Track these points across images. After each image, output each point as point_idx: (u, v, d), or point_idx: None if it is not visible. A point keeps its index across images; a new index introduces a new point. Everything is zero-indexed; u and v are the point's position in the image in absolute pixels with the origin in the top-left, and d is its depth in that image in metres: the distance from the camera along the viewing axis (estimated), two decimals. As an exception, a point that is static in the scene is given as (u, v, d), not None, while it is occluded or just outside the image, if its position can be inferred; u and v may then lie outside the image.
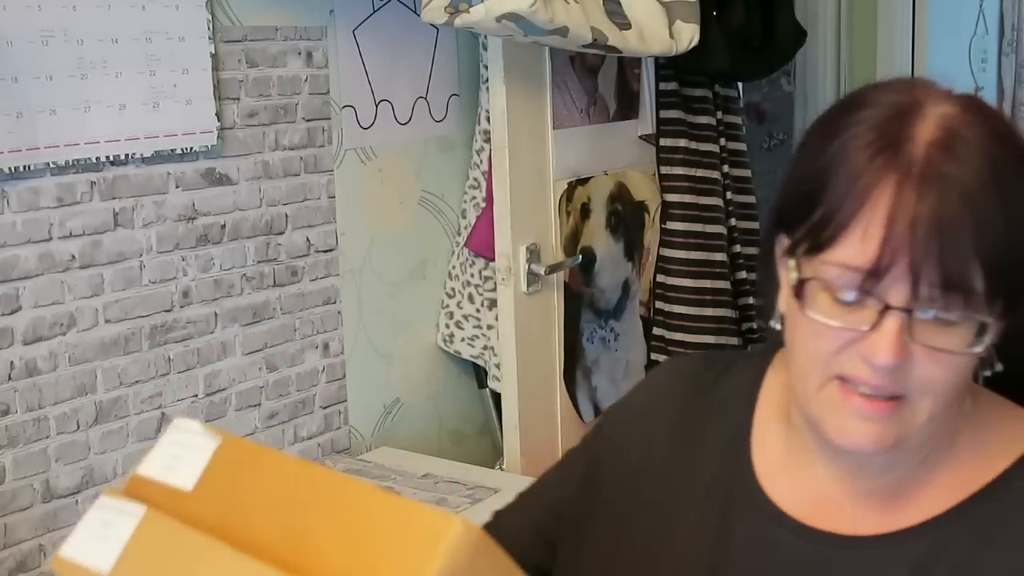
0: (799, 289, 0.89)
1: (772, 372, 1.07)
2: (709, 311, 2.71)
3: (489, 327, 2.45)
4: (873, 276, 0.84)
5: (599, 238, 2.55)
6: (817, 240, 0.87)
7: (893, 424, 0.89)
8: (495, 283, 2.35)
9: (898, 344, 0.84)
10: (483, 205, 2.45)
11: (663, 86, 2.69)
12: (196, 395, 2.01)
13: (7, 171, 1.71)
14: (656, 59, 2.61)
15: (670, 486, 1.05)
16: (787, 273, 0.92)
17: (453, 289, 2.50)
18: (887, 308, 0.85)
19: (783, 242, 0.93)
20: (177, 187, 1.95)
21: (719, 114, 2.78)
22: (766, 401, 1.05)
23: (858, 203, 0.85)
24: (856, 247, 0.85)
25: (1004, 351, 0.91)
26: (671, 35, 2.29)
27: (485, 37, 2.29)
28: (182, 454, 0.82)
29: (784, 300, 0.94)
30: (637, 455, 1.08)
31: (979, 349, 0.87)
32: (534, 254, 2.32)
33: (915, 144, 0.85)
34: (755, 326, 2.82)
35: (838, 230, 0.86)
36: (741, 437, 1.04)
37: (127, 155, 1.87)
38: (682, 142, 2.69)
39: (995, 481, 0.95)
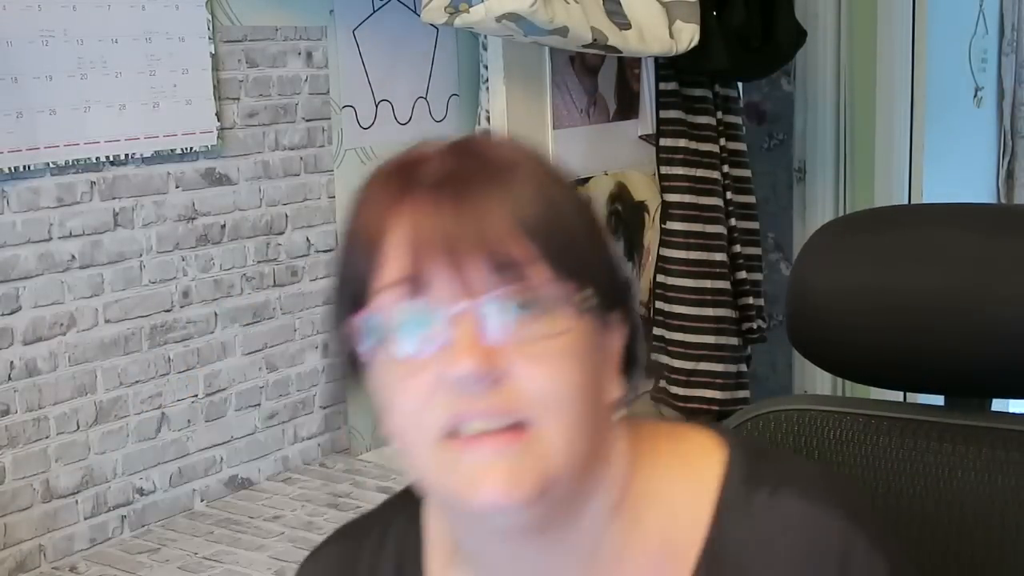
0: (359, 340, 0.80)
1: (430, 515, 0.91)
2: (709, 311, 2.72)
3: (489, 327, 2.45)
4: (415, 281, 0.77)
5: (599, 238, 2.54)
6: (363, 288, 0.79)
7: (526, 459, 0.76)
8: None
9: (473, 345, 0.75)
10: (483, 205, 2.44)
11: (663, 86, 2.69)
12: (196, 395, 2.01)
13: (7, 171, 1.71)
14: (656, 59, 2.61)
15: None
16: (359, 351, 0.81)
17: (453, 289, 2.50)
18: (454, 316, 0.76)
19: (345, 339, 0.82)
20: (177, 187, 1.95)
21: (719, 114, 2.78)
22: (437, 552, 0.90)
23: (379, 232, 0.78)
24: (392, 268, 0.78)
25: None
26: (671, 35, 2.29)
27: (485, 37, 2.29)
28: None
29: (379, 397, 0.82)
30: None
31: (569, 325, 0.77)
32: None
33: (420, 168, 0.80)
34: (755, 326, 2.82)
35: (373, 265, 0.78)
36: None
37: (127, 155, 1.87)
38: (682, 142, 2.70)
39: (710, 537, 0.82)
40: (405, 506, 0.92)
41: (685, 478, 0.85)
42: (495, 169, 0.80)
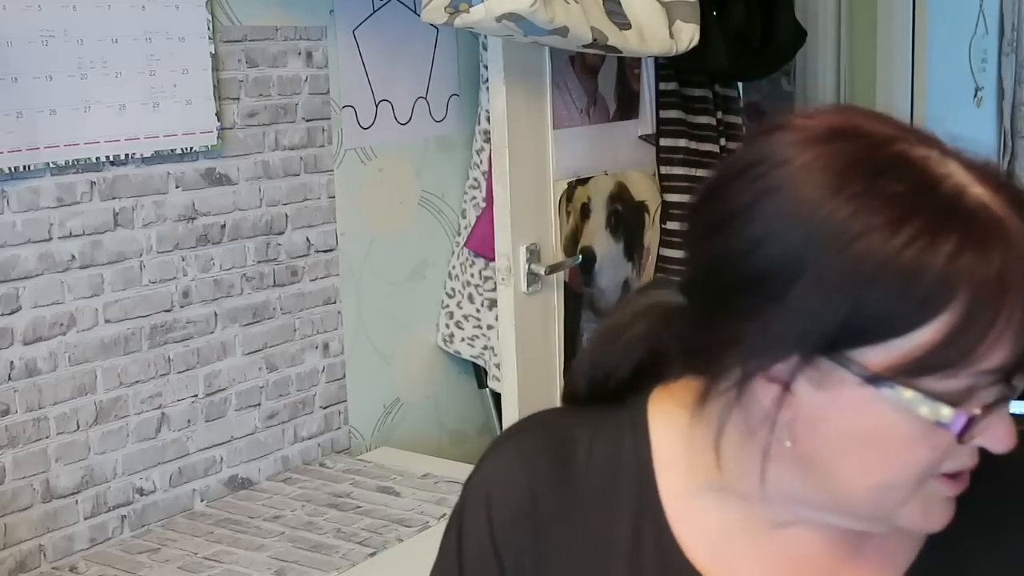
0: (964, 429, 0.77)
1: (658, 430, 0.92)
2: (709, 311, 2.71)
3: (489, 327, 2.45)
4: (1011, 372, 0.76)
5: (599, 238, 2.55)
6: (969, 350, 0.75)
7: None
8: (495, 283, 2.35)
9: (1013, 427, 0.79)
10: (483, 205, 2.45)
11: (663, 86, 2.69)
12: (196, 395, 2.01)
13: (7, 171, 1.71)
14: (656, 59, 2.61)
15: None
16: (824, 386, 0.78)
17: (453, 289, 2.50)
18: (1012, 396, 0.78)
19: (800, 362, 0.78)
20: (177, 187, 1.95)
21: (719, 114, 2.78)
22: (669, 470, 0.91)
23: (991, 308, 0.73)
24: (1001, 349, 0.75)
25: None
26: (671, 35, 2.29)
27: (485, 37, 2.29)
28: None
29: (800, 433, 0.81)
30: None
31: None
32: (534, 254, 2.32)
33: (1009, 222, 0.75)
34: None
35: (987, 334, 0.74)
36: (654, 523, 0.90)
37: (127, 155, 1.87)
38: (682, 142, 2.70)
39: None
40: (620, 410, 0.93)
41: None
42: None
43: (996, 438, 0.78)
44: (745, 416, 0.82)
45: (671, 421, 0.91)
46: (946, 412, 0.76)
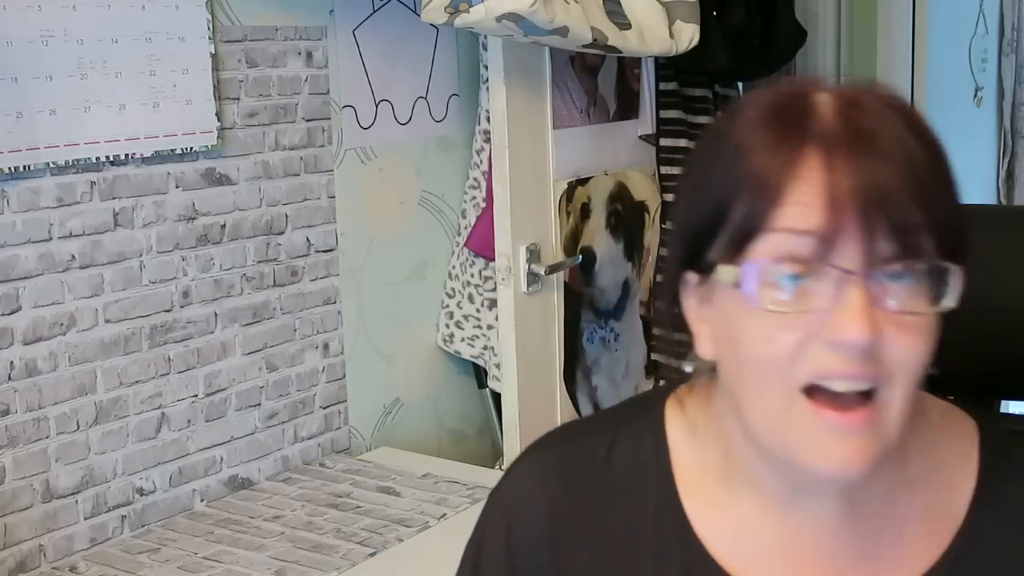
0: (741, 281, 0.80)
1: (675, 431, 0.94)
2: (709, 311, 2.71)
3: (489, 327, 2.45)
4: (825, 241, 0.77)
5: (599, 238, 2.55)
6: (747, 229, 0.79)
7: (872, 434, 0.80)
8: (495, 283, 2.35)
9: (867, 314, 0.76)
10: (483, 205, 2.45)
11: (663, 86, 2.69)
12: (196, 395, 2.01)
13: (7, 171, 1.71)
14: (656, 59, 2.61)
15: None
16: (707, 299, 0.85)
17: (453, 289, 2.50)
18: (845, 275, 0.77)
19: (690, 280, 0.86)
20: (177, 187, 1.95)
21: (719, 114, 2.78)
22: (687, 467, 0.93)
23: (783, 180, 0.78)
24: (796, 217, 0.77)
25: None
26: (671, 35, 2.29)
27: (485, 37, 2.29)
28: None
29: (707, 340, 0.86)
30: None
31: (949, 302, 0.80)
32: (534, 254, 2.32)
33: (821, 113, 0.80)
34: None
35: (768, 209, 0.78)
36: (677, 525, 0.91)
37: (127, 155, 1.87)
38: (682, 142, 2.70)
39: (972, 511, 0.89)
40: (640, 415, 0.96)
41: (948, 437, 0.91)
42: (900, 136, 0.79)
43: (841, 328, 0.77)
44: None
45: (687, 422, 0.94)
46: (728, 270, 0.80)
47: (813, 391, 0.80)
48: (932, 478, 0.90)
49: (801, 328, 0.78)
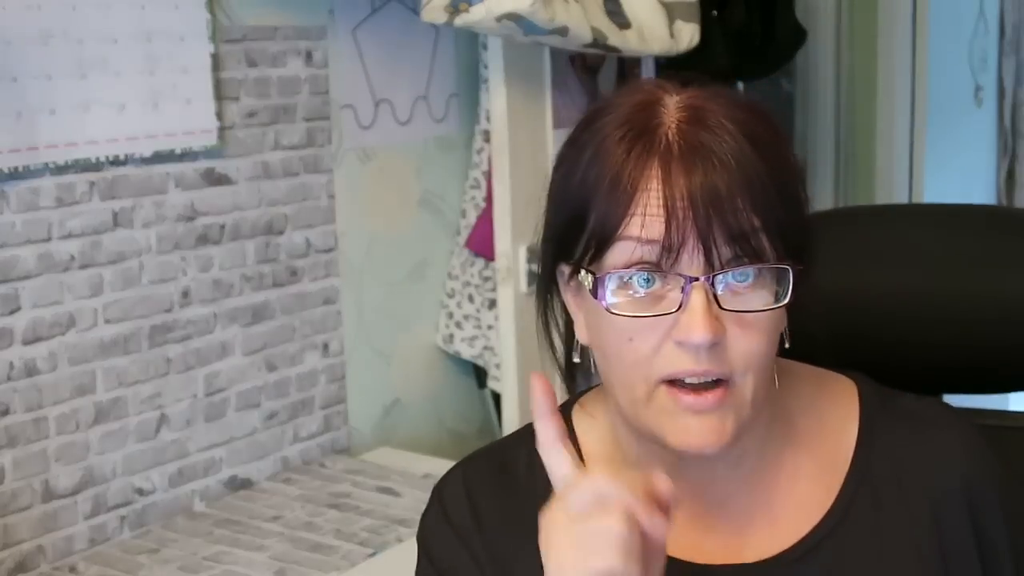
0: (596, 289, 0.88)
1: (580, 427, 1.02)
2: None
3: (489, 327, 2.45)
4: (668, 250, 0.84)
5: (599, 238, 2.54)
6: (602, 237, 0.87)
7: (726, 414, 0.88)
8: (495, 283, 2.35)
9: (709, 316, 0.84)
10: (483, 205, 2.44)
11: (663, 86, 2.68)
12: (196, 395, 2.01)
13: (7, 171, 1.71)
14: (656, 59, 2.61)
15: None
16: (579, 292, 0.92)
17: (453, 289, 2.50)
18: (688, 282, 0.85)
19: (565, 271, 0.93)
20: (177, 187, 1.95)
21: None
22: (594, 457, 1.00)
23: (631, 192, 0.85)
24: (643, 226, 0.85)
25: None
26: (671, 35, 2.29)
27: (485, 37, 2.29)
28: None
29: (583, 328, 0.94)
30: None
31: (786, 300, 0.87)
32: (534, 254, 2.32)
33: (665, 127, 0.87)
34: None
35: (619, 219, 0.86)
36: None
37: (127, 155, 1.86)
38: (682, 142, 2.69)
39: (856, 456, 0.97)
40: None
41: (828, 397, 1.00)
42: (735, 148, 0.86)
43: (687, 330, 0.85)
44: None
45: (587, 416, 1.02)
46: (588, 277, 0.88)
47: (672, 381, 0.87)
48: (817, 434, 0.98)
49: (657, 330, 0.86)
